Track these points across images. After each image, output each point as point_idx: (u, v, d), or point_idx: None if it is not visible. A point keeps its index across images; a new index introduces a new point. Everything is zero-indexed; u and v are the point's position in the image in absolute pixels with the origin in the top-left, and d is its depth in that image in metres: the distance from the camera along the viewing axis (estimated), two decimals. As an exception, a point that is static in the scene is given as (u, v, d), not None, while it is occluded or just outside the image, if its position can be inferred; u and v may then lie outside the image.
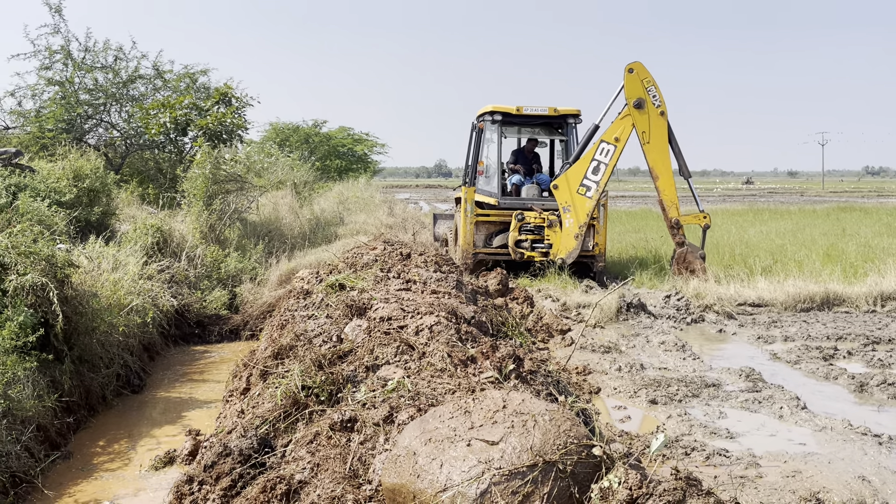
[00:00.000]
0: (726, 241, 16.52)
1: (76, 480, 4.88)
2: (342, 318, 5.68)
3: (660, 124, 11.32)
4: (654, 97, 11.32)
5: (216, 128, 16.36)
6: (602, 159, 11.45)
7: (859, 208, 29.38)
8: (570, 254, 11.65)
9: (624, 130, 11.46)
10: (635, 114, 11.36)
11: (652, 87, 11.32)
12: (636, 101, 11.32)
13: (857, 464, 4.78)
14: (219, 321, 9.36)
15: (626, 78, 11.43)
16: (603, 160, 11.44)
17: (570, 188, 11.59)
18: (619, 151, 11.47)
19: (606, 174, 11.50)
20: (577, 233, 11.52)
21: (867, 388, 6.59)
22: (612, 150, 11.45)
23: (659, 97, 11.31)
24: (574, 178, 11.61)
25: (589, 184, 11.54)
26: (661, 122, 11.33)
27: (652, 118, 11.29)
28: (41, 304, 5.63)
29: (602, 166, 11.48)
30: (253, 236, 12.83)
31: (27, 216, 8.53)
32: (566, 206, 11.64)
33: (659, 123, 11.32)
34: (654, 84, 11.35)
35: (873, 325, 9.33)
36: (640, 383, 6.62)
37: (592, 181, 11.53)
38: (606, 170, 11.49)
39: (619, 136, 11.50)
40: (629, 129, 11.43)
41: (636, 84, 11.35)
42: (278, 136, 34.25)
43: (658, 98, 11.32)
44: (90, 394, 6.25)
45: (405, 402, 3.66)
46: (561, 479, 2.74)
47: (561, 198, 11.71)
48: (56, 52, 17.35)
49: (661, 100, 11.32)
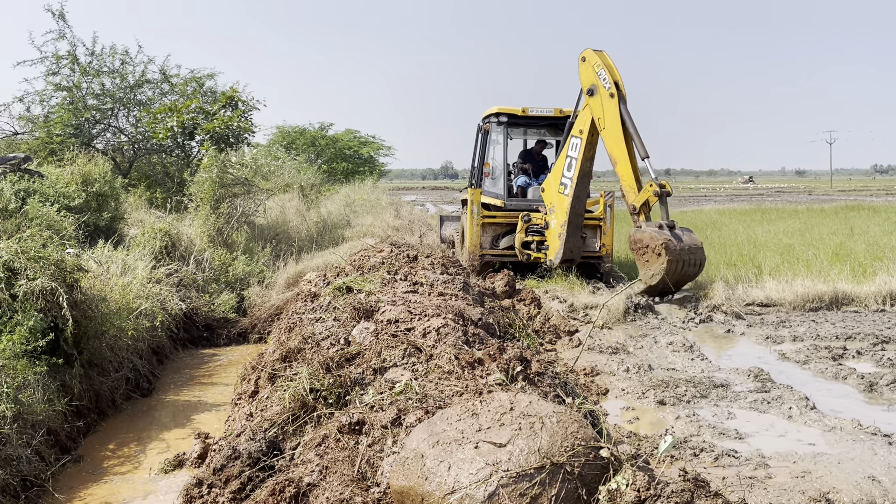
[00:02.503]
0: (734, 240, 16.48)
1: (86, 484, 4.90)
2: (350, 320, 5.70)
3: (611, 107, 10.41)
4: (605, 80, 10.48)
5: (223, 131, 16.42)
6: (573, 154, 11.03)
7: (868, 207, 29.22)
8: (557, 254, 11.37)
9: (585, 121, 10.87)
10: (590, 101, 10.70)
11: (602, 71, 10.52)
12: (589, 89, 10.70)
13: (866, 464, 4.76)
14: (227, 324, 9.39)
15: (580, 67, 10.87)
16: (574, 155, 11.01)
17: (553, 188, 11.38)
18: (586, 143, 10.87)
19: (576, 169, 10.99)
20: (560, 232, 11.25)
21: (877, 388, 6.57)
22: (579, 144, 10.95)
23: (610, 79, 10.44)
24: (555, 178, 11.39)
25: (566, 181, 11.17)
26: (612, 104, 10.40)
27: (604, 102, 10.49)
28: (51, 308, 5.66)
29: (573, 161, 11.03)
30: (260, 239, 12.87)
31: (36, 221, 8.59)
32: (551, 206, 11.46)
33: (610, 107, 10.42)
34: (605, 67, 10.53)
35: (882, 324, 9.28)
36: (648, 384, 6.60)
37: (568, 178, 11.14)
38: (576, 164, 10.99)
39: (583, 127, 10.92)
40: (589, 117, 10.79)
41: (588, 71, 10.73)
42: (285, 140, 34.35)
43: (609, 80, 10.44)
44: (100, 397, 6.28)
45: (413, 404, 3.67)
46: (569, 481, 2.75)
47: (547, 199, 11.55)
48: (62, 58, 17.44)
49: (613, 82, 10.43)
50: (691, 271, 10.14)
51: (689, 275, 10.17)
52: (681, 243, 9.83)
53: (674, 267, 9.77)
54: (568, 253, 11.32)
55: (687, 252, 9.90)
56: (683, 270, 9.97)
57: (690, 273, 10.15)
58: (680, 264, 9.84)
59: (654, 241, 9.83)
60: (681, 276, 10.00)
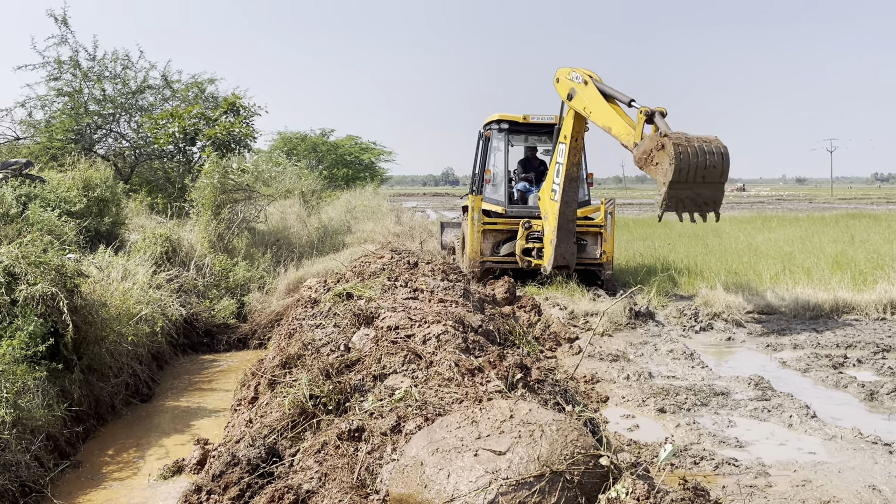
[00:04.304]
0: (734, 248, 16.48)
1: (85, 490, 4.89)
2: (350, 327, 5.69)
3: (588, 92, 10.32)
4: (577, 77, 10.60)
5: (224, 137, 16.46)
6: (560, 160, 11.09)
7: (868, 215, 29.23)
8: (550, 261, 11.36)
9: (568, 126, 10.99)
10: (572, 104, 10.70)
11: (573, 73, 10.69)
12: (568, 94, 10.81)
13: (867, 473, 4.75)
14: (227, 330, 9.39)
15: (556, 87, 11.12)
16: (561, 161, 11.07)
17: (546, 195, 11.46)
18: (570, 148, 10.92)
19: (562, 174, 11.00)
20: (552, 238, 11.25)
21: (877, 397, 6.56)
22: (564, 149, 11.02)
23: (582, 75, 10.53)
24: (547, 184, 11.46)
25: (555, 187, 11.20)
26: (588, 89, 10.30)
27: (582, 93, 10.48)
28: (51, 313, 5.66)
29: (560, 167, 11.09)
30: (261, 245, 12.88)
31: (37, 226, 8.60)
32: (545, 213, 11.49)
33: (588, 91, 10.33)
34: (574, 70, 10.72)
35: (883, 332, 9.28)
36: (649, 392, 6.60)
37: (556, 184, 11.18)
38: (562, 170, 11.01)
39: (567, 133, 11.01)
40: (571, 121, 10.91)
41: (563, 82, 10.93)
42: (286, 146, 34.41)
43: (581, 76, 10.55)
44: (99, 403, 6.28)
45: (412, 411, 3.67)
46: (568, 490, 2.74)
47: (542, 206, 11.60)
48: (64, 63, 17.49)
49: (585, 76, 10.50)
50: (711, 173, 8.63)
51: (711, 177, 8.66)
52: (687, 135, 8.76)
53: (683, 154, 8.48)
54: (560, 259, 11.21)
55: (697, 141, 8.60)
56: (699, 163, 8.54)
57: (712, 175, 8.64)
58: (691, 156, 8.51)
59: (653, 140, 8.78)
60: (697, 170, 8.56)
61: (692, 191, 8.68)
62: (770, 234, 19.79)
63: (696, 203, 8.81)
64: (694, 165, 8.53)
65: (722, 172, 8.71)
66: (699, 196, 8.77)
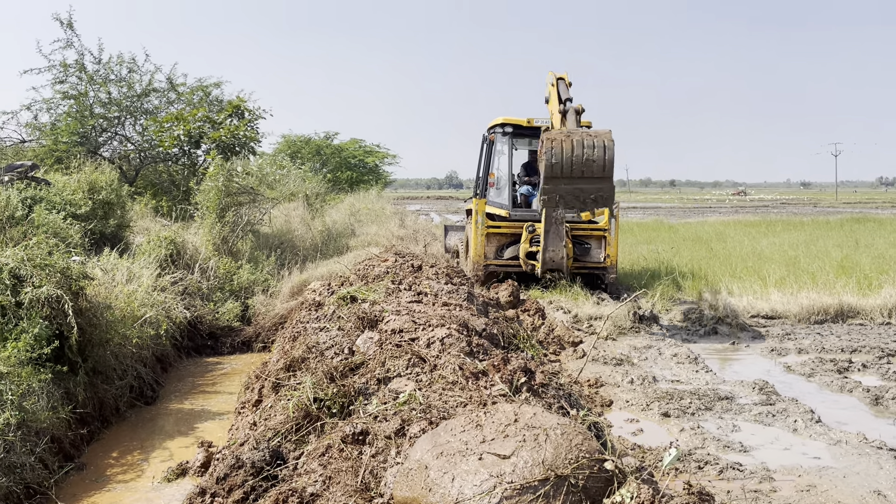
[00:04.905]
0: (739, 252, 16.44)
1: (90, 492, 4.90)
2: (354, 330, 5.70)
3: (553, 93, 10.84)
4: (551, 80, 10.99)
5: (229, 140, 16.49)
6: None
7: (873, 219, 29.16)
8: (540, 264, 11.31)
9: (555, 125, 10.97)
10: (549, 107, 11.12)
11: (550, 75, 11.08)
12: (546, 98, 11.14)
13: (872, 478, 4.73)
14: (231, 333, 9.40)
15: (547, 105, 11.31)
16: None
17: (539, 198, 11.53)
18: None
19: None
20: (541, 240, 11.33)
21: (882, 401, 6.54)
22: None
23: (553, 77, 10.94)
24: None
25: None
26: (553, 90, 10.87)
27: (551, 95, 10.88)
28: (56, 316, 5.68)
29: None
30: (265, 248, 12.89)
31: (43, 229, 8.62)
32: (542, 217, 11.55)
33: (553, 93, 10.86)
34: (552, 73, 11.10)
35: (888, 337, 9.25)
36: (653, 396, 6.58)
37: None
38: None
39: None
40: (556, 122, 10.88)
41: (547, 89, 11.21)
42: (290, 149, 34.44)
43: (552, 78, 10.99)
44: (104, 405, 6.29)
45: (417, 415, 3.67)
46: (573, 494, 2.74)
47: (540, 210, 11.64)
48: (70, 66, 17.55)
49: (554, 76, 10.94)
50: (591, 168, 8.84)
51: (592, 172, 8.89)
52: (574, 130, 9.01)
53: (556, 150, 8.77)
54: (549, 262, 11.10)
55: (579, 136, 8.84)
56: (574, 158, 8.80)
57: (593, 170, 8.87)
58: (565, 151, 8.76)
59: (541, 137, 8.98)
60: (574, 165, 8.83)
61: (573, 185, 8.97)
62: (774, 239, 19.75)
63: (580, 199, 9.15)
64: (569, 161, 8.82)
65: (604, 167, 8.96)
66: (582, 192, 9.10)
